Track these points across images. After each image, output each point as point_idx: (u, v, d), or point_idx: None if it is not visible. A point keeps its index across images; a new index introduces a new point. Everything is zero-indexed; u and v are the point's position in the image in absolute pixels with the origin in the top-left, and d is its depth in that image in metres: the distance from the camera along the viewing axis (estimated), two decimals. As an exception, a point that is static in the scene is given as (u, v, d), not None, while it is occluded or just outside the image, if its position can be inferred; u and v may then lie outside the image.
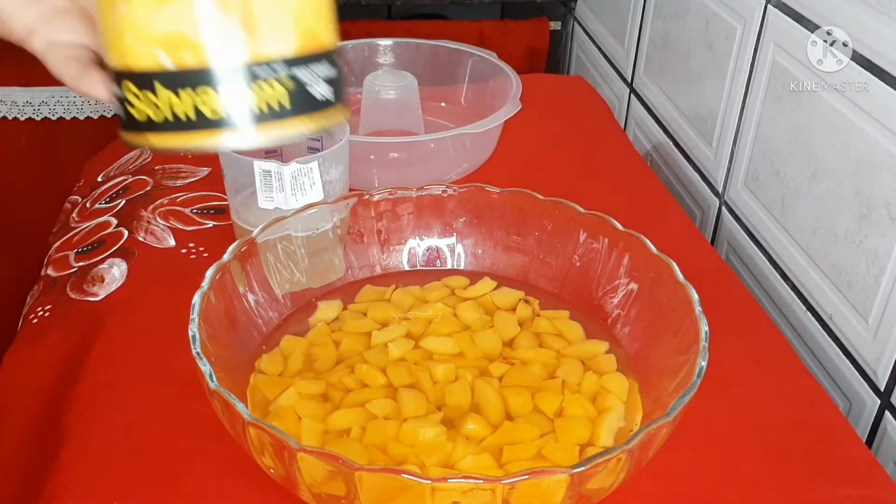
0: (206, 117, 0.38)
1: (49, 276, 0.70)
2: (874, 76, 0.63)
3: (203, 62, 0.38)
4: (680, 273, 0.54)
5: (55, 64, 0.45)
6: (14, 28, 0.45)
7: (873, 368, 0.65)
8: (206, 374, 0.45)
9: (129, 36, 0.38)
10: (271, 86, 0.39)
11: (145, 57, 0.38)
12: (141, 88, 0.38)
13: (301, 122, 0.41)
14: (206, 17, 0.37)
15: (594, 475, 0.42)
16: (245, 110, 0.39)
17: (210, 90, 0.38)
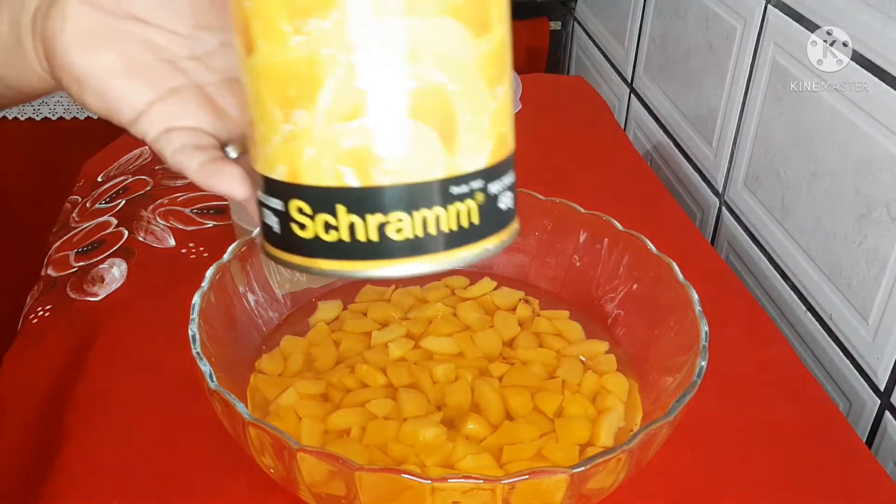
0: (392, 241, 0.34)
1: (49, 276, 0.70)
2: (874, 76, 0.63)
3: (397, 181, 0.33)
4: (680, 273, 0.54)
5: (174, 153, 0.39)
6: (123, 111, 0.39)
7: (873, 368, 0.65)
8: (206, 374, 0.45)
9: (308, 149, 0.33)
10: (465, 203, 0.35)
11: (327, 174, 0.33)
12: (316, 208, 0.34)
13: (490, 240, 0.37)
14: (405, 130, 0.33)
15: (594, 475, 0.42)
16: (437, 232, 0.34)
17: (401, 213, 0.34)
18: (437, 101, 0.33)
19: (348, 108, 0.32)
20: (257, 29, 0.33)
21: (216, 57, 0.40)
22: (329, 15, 0.31)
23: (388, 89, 0.32)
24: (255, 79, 0.34)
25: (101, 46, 0.38)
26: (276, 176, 0.35)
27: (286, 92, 0.33)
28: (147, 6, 0.38)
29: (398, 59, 0.32)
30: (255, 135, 0.35)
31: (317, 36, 0.32)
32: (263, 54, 0.33)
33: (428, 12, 0.32)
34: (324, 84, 0.32)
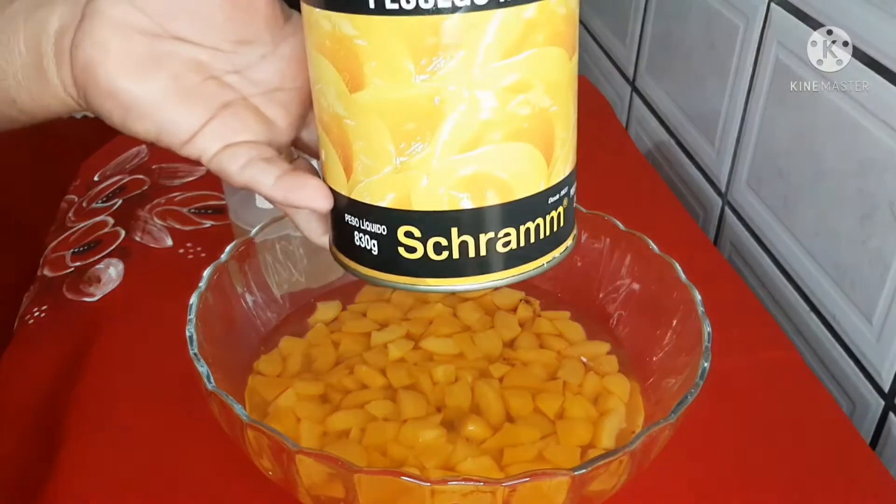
0: (499, 254, 0.37)
1: (45, 277, 0.69)
2: (878, 75, 0.62)
3: (508, 199, 0.36)
4: (682, 273, 0.54)
5: (243, 168, 0.38)
6: (177, 132, 0.38)
7: (877, 369, 0.65)
8: (203, 375, 0.45)
9: (423, 179, 0.35)
10: (557, 209, 0.38)
11: (441, 200, 0.35)
12: (428, 232, 0.36)
13: (570, 237, 0.40)
14: (517, 153, 0.35)
15: (596, 477, 0.42)
16: (535, 240, 0.37)
17: (510, 228, 0.36)
18: (544, 122, 0.36)
19: (468, 140, 0.34)
20: (373, 67, 0.34)
21: (256, 69, 0.40)
22: (455, 55, 0.33)
23: (506, 119, 0.34)
24: (364, 113, 0.35)
25: (150, 71, 0.37)
26: (383, 203, 0.36)
27: (404, 127, 0.34)
28: (188, 25, 0.37)
29: (516, 90, 0.34)
30: (355, 165, 0.36)
31: (442, 74, 0.33)
32: (379, 91, 0.34)
33: (540, 43, 0.34)
34: (446, 118, 0.34)
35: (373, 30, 0.33)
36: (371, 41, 0.33)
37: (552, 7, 0.34)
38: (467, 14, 0.32)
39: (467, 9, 0.32)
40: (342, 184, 0.37)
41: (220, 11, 0.38)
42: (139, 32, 0.37)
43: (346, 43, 0.34)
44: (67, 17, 0.37)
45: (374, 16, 0.33)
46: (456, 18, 0.32)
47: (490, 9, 0.33)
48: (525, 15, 0.33)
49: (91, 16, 0.37)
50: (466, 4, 0.32)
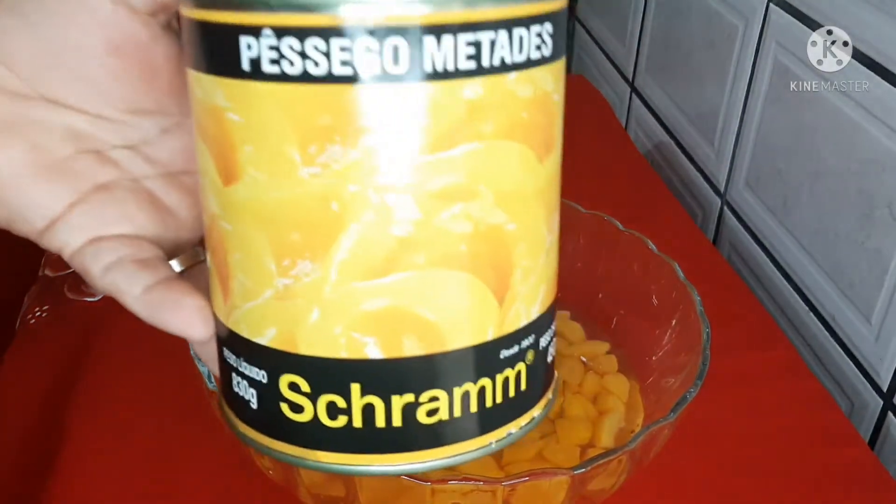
0: (421, 426, 0.27)
1: (46, 276, 0.69)
2: (877, 75, 0.62)
3: (435, 350, 0.26)
4: (681, 273, 0.54)
5: (105, 271, 0.29)
6: (31, 218, 0.29)
7: (876, 369, 0.65)
8: (204, 375, 0.44)
9: (313, 312, 0.26)
10: (514, 367, 0.28)
11: (338, 344, 0.26)
12: (319, 387, 0.26)
13: (537, 406, 0.30)
14: (451, 285, 0.26)
15: (595, 476, 0.42)
16: (478, 409, 0.27)
17: (437, 390, 0.27)
18: (493, 245, 0.26)
19: (377, 262, 0.25)
20: (248, 152, 0.25)
21: (155, 146, 0.32)
22: (359, 142, 0.24)
23: (433, 236, 0.25)
24: (238, 214, 0.26)
25: (6, 140, 0.29)
26: (262, 341, 0.27)
27: (287, 237, 0.25)
28: (65, 86, 0.29)
29: (449, 197, 0.25)
30: (232, 283, 0.27)
31: (339, 168, 0.24)
32: (255, 186, 0.25)
33: (489, 135, 0.25)
34: (345, 230, 0.25)
35: (248, 100, 0.24)
36: (246, 116, 0.24)
37: (508, 86, 0.25)
38: (376, 85, 0.23)
39: (376, 78, 0.23)
40: (220, 307, 0.28)
41: (104, 68, 0.29)
42: (1, 92, 0.29)
43: (218, 117, 0.25)
44: None
45: (248, 81, 0.24)
46: (360, 91, 0.23)
47: (410, 80, 0.23)
48: (464, 93, 0.24)
49: None
50: (375, 73, 0.23)
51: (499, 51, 0.24)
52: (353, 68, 0.23)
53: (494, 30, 0.24)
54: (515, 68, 0.25)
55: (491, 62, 0.24)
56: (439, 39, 0.23)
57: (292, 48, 0.23)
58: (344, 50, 0.23)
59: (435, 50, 0.23)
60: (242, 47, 0.24)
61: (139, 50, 0.29)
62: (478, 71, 0.24)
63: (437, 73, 0.23)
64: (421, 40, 0.23)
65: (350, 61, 0.23)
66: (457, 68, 0.24)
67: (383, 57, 0.23)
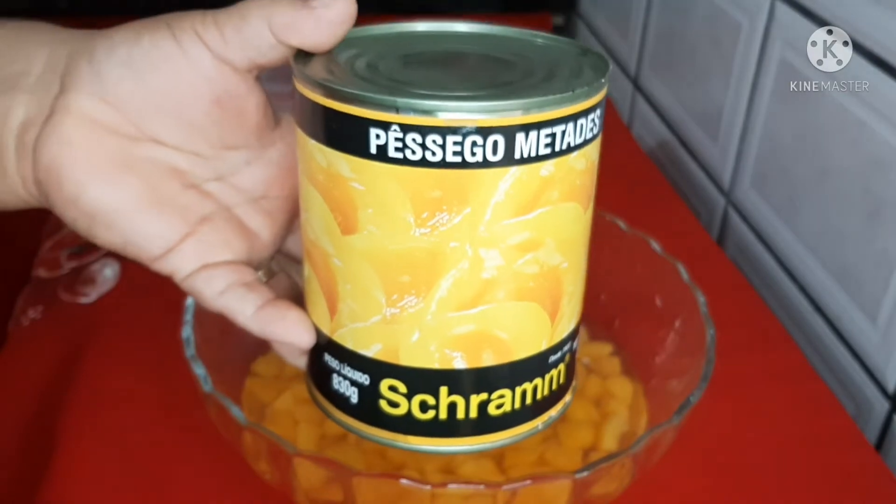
0: (491, 417, 0.34)
1: (40, 277, 0.69)
2: (885, 73, 0.62)
3: (505, 360, 0.33)
4: (686, 274, 0.53)
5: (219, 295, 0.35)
6: (149, 248, 0.34)
7: (882, 371, 0.64)
8: (200, 377, 0.44)
9: (414, 334, 0.32)
10: (557, 368, 0.36)
11: (432, 358, 0.33)
12: (415, 389, 0.33)
13: (568, 393, 0.38)
14: (520, 313, 0.33)
15: (598, 480, 0.42)
16: (532, 401, 0.35)
17: (505, 390, 0.34)
18: (551, 280, 0.33)
19: (467, 298, 0.32)
20: (368, 213, 0.31)
21: (240, 176, 0.37)
22: (461, 211, 0.30)
23: (510, 277, 0.32)
24: (354, 258, 0.32)
25: (121, 177, 0.33)
26: (368, 353, 0.33)
27: (397, 278, 0.32)
28: (169, 128, 0.34)
29: (525, 249, 0.32)
30: (341, 306, 0.33)
31: (444, 230, 0.31)
32: (374, 238, 0.31)
33: (555, 200, 0.32)
34: (445, 275, 0.31)
35: (372, 176, 0.30)
36: (369, 187, 0.30)
37: (570, 163, 0.31)
38: (478, 170, 0.30)
39: (478, 165, 0.30)
40: (324, 321, 0.35)
41: (207, 115, 0.34)
42: (112, 134, 0.33)
43: (341, 183, 0.31)
44: (34, 109, 0.33)
45: (374, 162, 0.30)
46: (464, 174, 0.30)
47: (503, 166, 0.30)
48: (541, 173, 0.31)
49: (60, 111, 0.33)
50: (478, 160, 0.29)
51: (567, 138, 0.31)
52: (462, 157, 0.29)
53: (565, 123, 0.30)
54: (577, 148, 0.31)
55: (561, 147, 0.31)
56: (527, 135, 0.30)
57: (415, 140, 0.29)
58: (456, 143, 0.29)
59: (523, 142, 0.30)
60: (371, 136, 0.29)
61: (236, 100, 0.34)
62: (551, 154, 0.31)
63: (523, 158, 0.30)
64: (514, 136, 0.29)
65: (460, 152, 0.29)
66: (538, 154, 0.30)
67: (486, 149, 0.29)
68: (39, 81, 0.34)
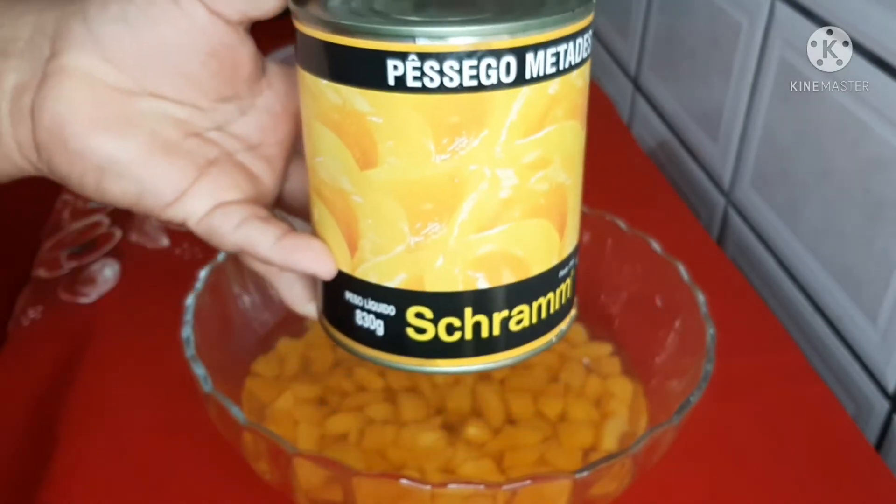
0: (512, 333, 0.36)
1: (40, 277, 0.69)
2: (885, 74, 0.62)
3: (524, 277, 0.35)
4: (686, 274, 0.53)
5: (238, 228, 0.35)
6: (161, 193, 0.35)
7: (882, 371, 0.64)
8: (200, 377, 0.44)
9: (438, 259, 0.33)
10: (566, 282, 0.38)
11: (456, 281, 0.34)
12: (441, 313, 0.35)
13: (574, 307, 0.40)
14: (534, 229, 0.34)
15: (598, 480, 0.42)
16: (547, 315, 0.37)
17: (524, 305, 0.36)
18: (559, 197, 0.35)
19: (487, 219, 0.33)
20: (389, 146, 0.32)
21: (237, 125, 0.38)
22: (479, 134, 0.32)
23: (525, 196, 0.33)
24: (375, 191, 0.33)
25: (128, 128, 0.34)
26: (392, 284, 0.34)
27: (420, 206, 0.33)
28: (166, 81, 0.35)
29: (536, 167, 0.33)
30: (362, 242, 0.34)
31: (464, 153, 0.32)
32: (393, 170, 0.32)
33: (560, 118, 0.33)
34: (466, 198, 0.33)
35: (391, 107, 0.31)
36: (388, 119, 0.31)
37: (572, 81, 0.33)
38: (493, 92, 0.31)
39: (493, 87, 0.31)
40: (344, 260, 0.35)
41: (203, 67, 0.35)
42: (113, 90, 0.34)
43: (359, 119, 0.32)
44: (27, 73, 0.34)
45: (393, 93, 0.31)
46: (481, 97, 0.31)
47: (516, 86, 0.31)
48: (549, 91, 0.32)
49: (56, 73, 0.33)
50: (493, 82, 0.31)
51: (569, 56, 0.32)
52: (479, 80, 0.31)
53: (567, 42, 0.32)
54: (577, 67, 0.33)
55: (564, 65, 0.32)
56: (535, 55, 0.31)
57: (432, 68, 0.30)
58: (472, 67, 0.30)
59: (533, 62, 0.31)
60: (389, 68, 0.30)
61: (229, 51, 0.35)
62: (557, 73, 0.32)
63: (533, 78, 0.31)
64: (524, 57, 0.31)
65: (476, 76, 0.31)
66: (545, 73, 0.32)
67: (500, 71, 0.31)
68: (29, 45, 0.34)
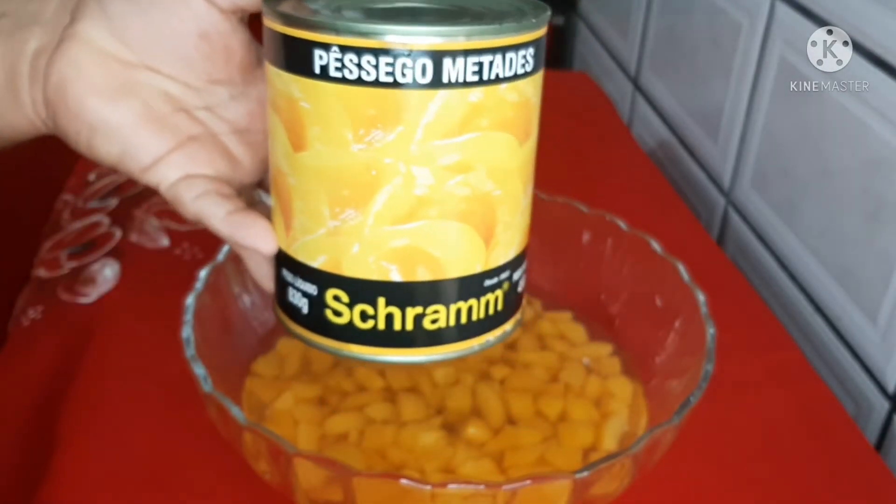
0: (426, 331, 0.37)
1: (40, 277, 0.69)
2: (884, 73, 0.62)
3: (439, 277, 0.36)
4: (686, 274, 0.53)
5: (196, 198, 0.39)
6: (140, 157, 0.39)
7: (882, 371, 0.64)
8: (200, 377, 0.44)
9: (354, 246, 0.35)
10: (494, 293, 0.38)
11: (370, 269, 0.36)
12: (355, 299, 0.36)
13: (508, 322, 0.40)
14: (452, 233, 0.36)
15: (598, 480, 0.42)
16: (467, 321, 0.38)
17: (439, 306, 0.37)
18: (484, 205, 0.36)
19: (402, 213, 0.35)
20: (314, 131, 0.34)
21: (226, 108, 0.41)
22: (394, 129, 0.33)
23: (442, 197, 0.35)
24: (303, 174, 0.35)
25: (122, 96, 0.38)
26: (315, 264, 0.36)
27: (339, 192, 0.35)
28: (163, 58, 0.39)
29: (455, 170, 0.34)
30: (294, 222, 0.37)
31: (379, 146, 0.33)
32: (318, 156, 0.35)
33: (485, 128, 0.34)
34: (381, 190, 0.34)
35: (316, 95, 0.34)
36: (314, 105, 0.34)
37: (501, 94, 0.34)
38: (408, 91, 0.33)
39: (409, 86, 0.33)
40: (283, 238, 0.38)
41: (198, 51, 0.39)
42: (115, 60, 0.38)
43: (293, 104, 0.35)
44: (46, 38, 0.38)
45: (318, 81, 0.33)
46: (396, 94, 0.33)
47: (432, 88, 0.33)
48: (470, 98, 0.33)
49: (70, 38, 0.38)
50: (408, 81, 0.33)
51: (495, 69, 0.33)
52: (394, 77, 0.32)
53: (493, 53, 0.33)
54: (506, 80, 0.34)
55: (489, 76, 0.33)
56: (454, 60, 0.32)
57: (351, 60, 0.32)
58: (388, 65, 0.32)
59: (450, 67, 0.33)
60: (315, 57, 0.33)
61: (222, 37, 0.39)
62: (479, 82, 0.33)
63: (451, 82, 0.33)
64: (441, 61, 0.32)
65: (392, 72, 0.32)
66: (465, 80, 0.33)
67: (415, 71, 0.32)
68: (53, 16, 0.39)
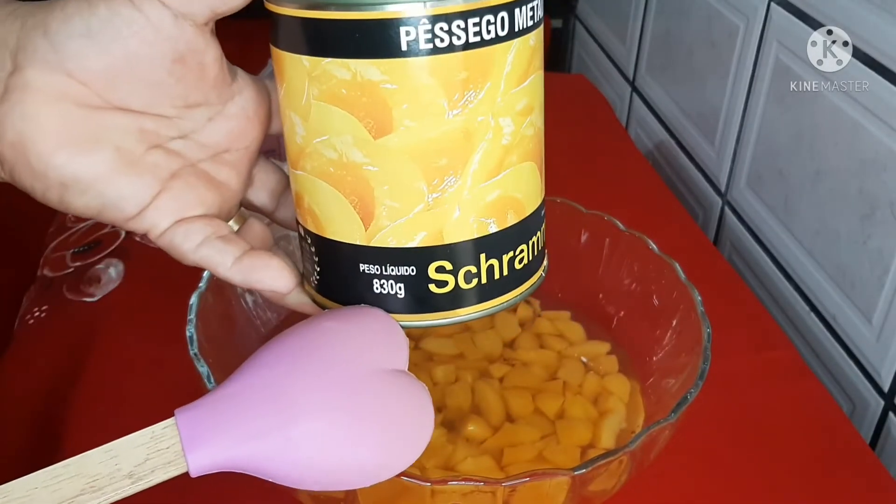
0: (517, 272, 0.39)
1: (45, 277, 0.69)
2: (878, 75, 0.62)
3: (523, 217, 0.38)
4: (682, 273, 0.54)
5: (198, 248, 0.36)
6: (124, 208, 0.35)
7: (877, 369, 0.64)
8: (203, 375, 0.44)
9: (455, 211, 0.36)
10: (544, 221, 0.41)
11: (472, 229, 0.36)
12: (460, 262, 0.37)
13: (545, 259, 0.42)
14: (529, 171, 0.37)
15: (596, 477, 0.42)
16: (536, 254, 0.40)
17: (524, 244, 0.38)
18: (539, 141, 0.38)
19: (493, 166, 0.36)
20: (403, 110, 0.34)
21: (203, 133, 0.37)
22: (484, 87, 0.34)
23: (519, 141, 0.36)
24: (390, 157, 0.35)
25: (92, 146, 0.34)
26: (412, 244, 0.36)
27: (436, 163, 0.35)
28: (132, 93, 0.34)
29: (525, 113, 0.36)
30: (378, 211, 0.36)
31: (472, 106, 0.34)
32: (410, 133, 0.34)
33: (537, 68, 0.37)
34: (476, 149, 0.35)
35: (404, 72, 0.33)
36: (402, 84, 0.33)
37: (541, 33, 0.37)
38: (493, 46, 0.34)
39: (493, 41, 0.34)
40: (357, 234, 0.37)
41: (170, 75, 0.34)
42: (77, 106, 0.33)
43: (371, 89, 0.33)
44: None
45: (405, 58, 0.33)
46: (484, 52, 0.34)
47: (510, 39, 0.34)
48: (531, 42, 0.35)
49: (19, 89, 0.33)
50: (492, 37, 0.34)
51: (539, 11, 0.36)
52: (481, 36, 0.33)
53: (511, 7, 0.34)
54: (541, 22, 0.36)
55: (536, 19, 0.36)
56: (521, 9, 0.34)
57: (442, 28, 0.33)
58: (475, 24, 0.33)
59: (519, 16, 0.34)
60: (402, 34, 0.32)
61: (195, 55, 0.35)
62: (534, 26, 0.36)
63: (520, 30, 0.34)
64: (513, 12, 0.34)
65: (479, 31, 0.33)
66: (527, 26, 0.35)
67: (497, 25, 0.34)
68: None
